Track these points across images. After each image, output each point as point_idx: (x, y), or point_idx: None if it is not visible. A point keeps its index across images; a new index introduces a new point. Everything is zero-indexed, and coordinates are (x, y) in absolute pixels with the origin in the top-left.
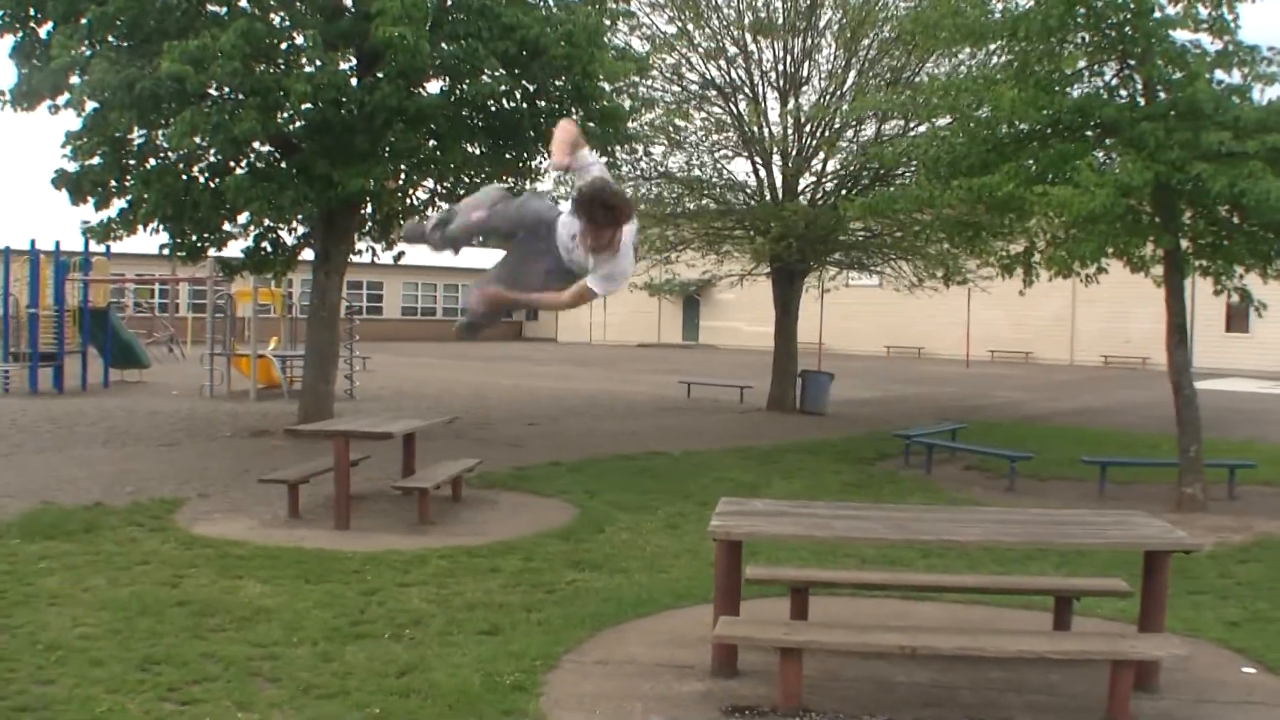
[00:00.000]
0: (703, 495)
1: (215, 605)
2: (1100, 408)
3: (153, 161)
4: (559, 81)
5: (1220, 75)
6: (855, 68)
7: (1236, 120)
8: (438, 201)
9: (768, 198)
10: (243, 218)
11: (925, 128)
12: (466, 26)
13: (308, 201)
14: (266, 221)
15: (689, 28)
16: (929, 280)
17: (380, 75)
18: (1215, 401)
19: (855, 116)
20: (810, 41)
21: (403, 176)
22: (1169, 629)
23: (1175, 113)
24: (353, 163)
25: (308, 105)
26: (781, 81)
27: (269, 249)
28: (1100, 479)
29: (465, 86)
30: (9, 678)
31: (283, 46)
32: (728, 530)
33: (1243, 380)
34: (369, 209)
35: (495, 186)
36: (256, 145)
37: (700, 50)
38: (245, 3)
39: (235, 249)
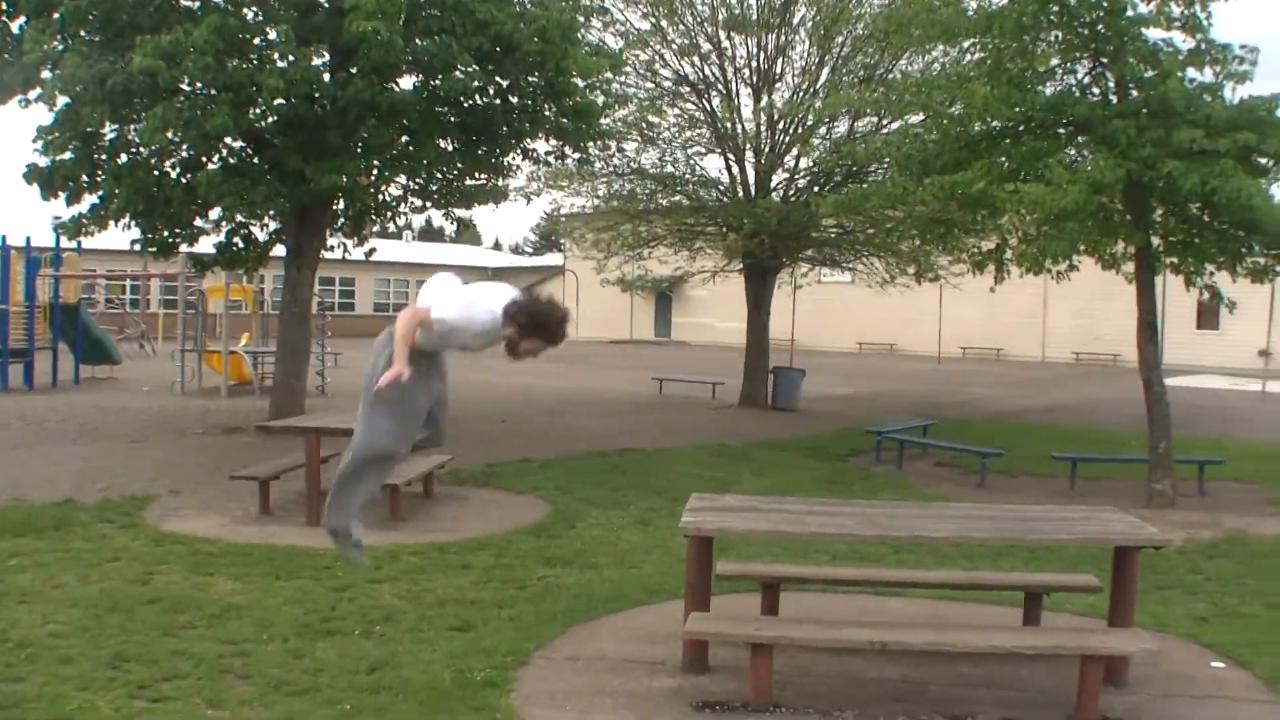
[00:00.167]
0: (674, 491)
1: (186, 602)
2: (1071, 404)
3: (124, 157)
4: (532, 77)
5: (1192, 73)
6: (829, 65)
7: (1208, 119)
8: (410, 197)
9: (740, 194)
10: (215, 213)
11: (898, 125)
12: (440, 22)
13: (280, 197)
14: (238, 217)
15: (663, 24)
16: (901, 277)
17: (353, 70)
18: (1186, 398)
19: (828, 114)
20: (784, 38)
21: (375, 172)
22: (1138, 624)
23: (1147, 111)
24: (325, 158)
25: (280, 100)
26: (755, 78)
27: (241, 245)
28: (1071, 475)
29: (438, 82)
30: None
31: (256, 42)
32: (699, 526)
33: (1213, 377)
34: (341, 205)
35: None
36: (229, 141)
37: (674, 46)
38: None
39: (207, 245)
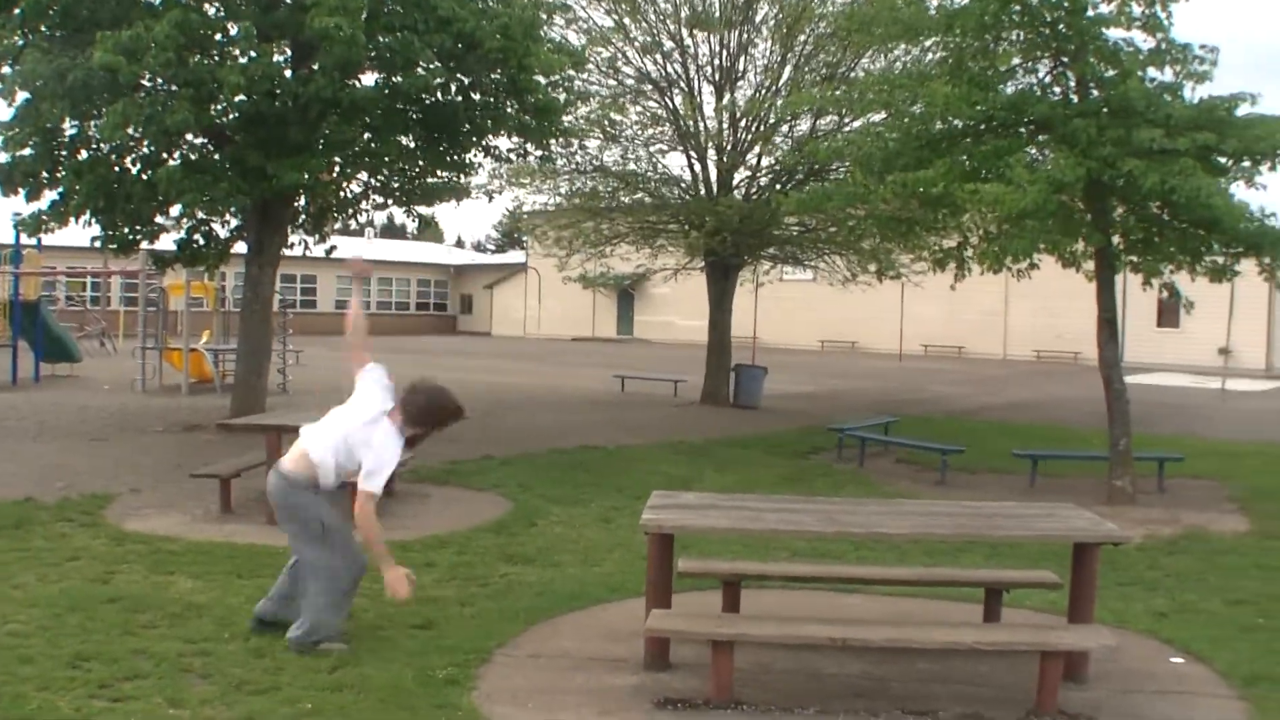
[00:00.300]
0: (636, 489)
1: (146, 601)
2: (1032, 402)
3: (85, 153)
4: (494, 75)
5: (1153, 73)
6: (791, 63)
7: (1168, 118)
8: (372, 195)
9: (702, 192)
10: (175, 210)
11: (860, 123)
12: (402, 18)
13: (241, 194)
14: (199, 214)
15: (625, 21)
16: (863, 275)
17: (315, 67)
18: (1146, 396)
19: (790, 112)
20: (746, 36)
21: (337, 169)
22: (1098, 620)
23: (1108, 110)
24: (287, 155)
25: (242, 97)
26: (717, 76)
27: (202, 242)
28: (1031, 472)
29: (400, 79)
30: None
31: (217, 37)
32: (659, 523)
33: (1173, 375)
34: (303, 201)
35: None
36: (190, 137)
37: (636, 44)
38: None
39: (168, 241)
